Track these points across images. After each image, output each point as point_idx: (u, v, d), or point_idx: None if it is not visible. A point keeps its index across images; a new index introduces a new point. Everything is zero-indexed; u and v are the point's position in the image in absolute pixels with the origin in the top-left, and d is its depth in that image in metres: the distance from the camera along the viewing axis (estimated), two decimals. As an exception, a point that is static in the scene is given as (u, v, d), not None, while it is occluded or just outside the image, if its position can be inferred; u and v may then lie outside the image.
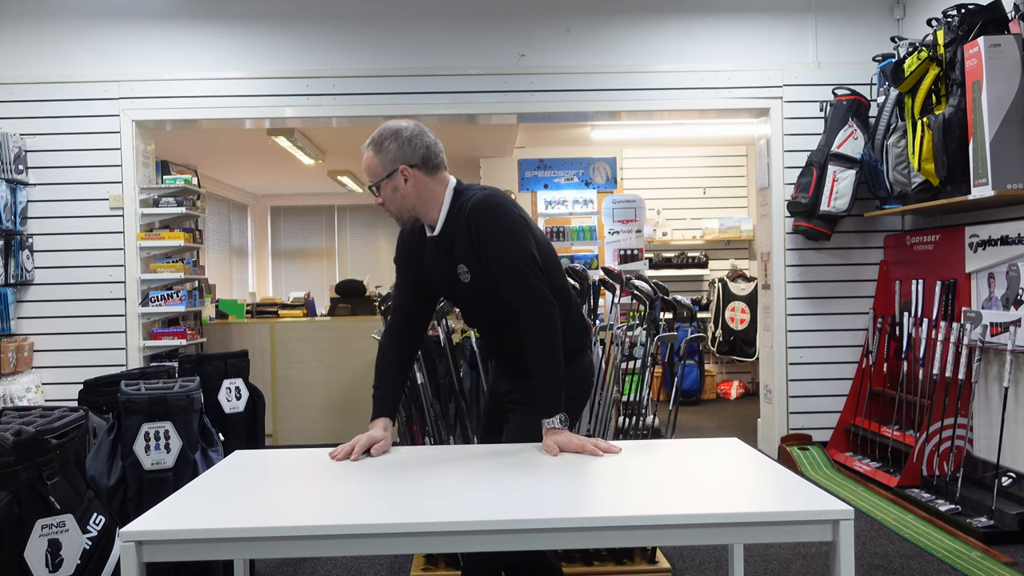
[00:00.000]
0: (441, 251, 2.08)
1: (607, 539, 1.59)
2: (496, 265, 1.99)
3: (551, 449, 1.93)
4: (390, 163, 2.01)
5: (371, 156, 2.03)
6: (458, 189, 2.07)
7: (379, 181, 2.03)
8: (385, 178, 2.02)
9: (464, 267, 2.04)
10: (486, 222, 1.98)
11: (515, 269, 1.97)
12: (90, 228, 4.85)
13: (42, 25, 4.88)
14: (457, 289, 2.10)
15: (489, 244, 1.98)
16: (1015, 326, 3.74)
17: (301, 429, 5.64)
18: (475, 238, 1.99)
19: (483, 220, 1.98)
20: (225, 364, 3.26)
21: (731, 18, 5.07)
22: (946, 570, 3.17)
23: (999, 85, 3.59)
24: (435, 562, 3.10)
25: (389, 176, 2.02)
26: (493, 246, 1.98)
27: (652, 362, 3.21)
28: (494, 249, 1.98)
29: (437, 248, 2.09)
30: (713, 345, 7.61)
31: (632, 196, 6.38)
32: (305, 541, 1.46)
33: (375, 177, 2.03)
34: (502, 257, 1.98)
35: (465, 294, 2.10)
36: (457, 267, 2.04)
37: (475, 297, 2.10)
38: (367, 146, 2.05)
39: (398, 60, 4.96)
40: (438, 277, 2.12)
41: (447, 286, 2.13)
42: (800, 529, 1.49)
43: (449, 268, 2.07)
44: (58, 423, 2.08)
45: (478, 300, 2.11)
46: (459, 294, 2.13)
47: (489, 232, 1.98)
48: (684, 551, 3.38)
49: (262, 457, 2.03)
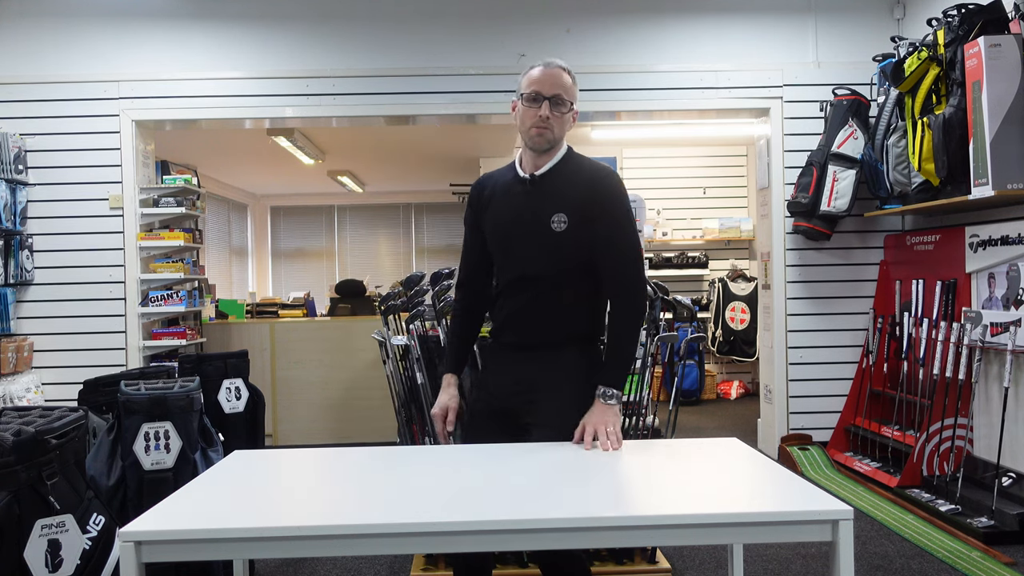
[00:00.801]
0: (537, 194, 2.10)
1: (607, 539, 1.59)
2: (608, 229, 2.06)
3: (601, 425, 1.97)
4: (576, 97, 2.11)
5: (568, 78, 2.08)
6: (572, 149, 2.17)
7: (570, 102, 2.09)
8: (571, 104, 2.09)
9: (563, 216, 2.05)
10: (615, 189, 2.09)
11: (629, 239, 2.08)
12: (90, 228, 4.85)
13: (42, 25, 4.88)
14: (534, 236, 2.08)
15: (613, 208, 2.07)
16: (1015, 326, 3.74)
17: (301, 429, 5.64)
18: (597, 196, 2.06)
19: (613, 186, 2.09)
20: (225, 364, 3.26)
21: (731, 18, 5.07)
22: (946, 570, 3.17)
23: (999, 85, 3.59)
24: (435, 562, 3.10)
25: (572, 105, 2.10)
26: (616, 212, 2.08)
27: (652, 362, 3.20)
28: (616, 215, 2.07)
29: (532, 190, 2.10)
30: (713, 345, 7.61)
31: (632, 196, 6.34)
32: (305, 541, 1.45)
33: (569, 96, 2.08)
34: (620, 226, 2.08)
35: (541, 244, 2.08)
36: (554, 214, 2.06)
37: (552, 250, 2.08)
38: (559, 65, 2.08)
39: (398, 60, 4.96)
40: (513, 221, 2.12)
41: (521, 230, 2.11)
42: (800, 529, 1.49)
43: (539, 212, 2.08)
44: (58, 423, 2.08)
45: (553, 254, 2.08)
46: (533, 242, 2.09)
47: (615, 198, 2.08)
48: (684, 551, 3.38)
49: (262, 457, 2.03)
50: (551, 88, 2.04)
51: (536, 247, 2.09)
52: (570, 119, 2.10)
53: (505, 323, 2.17)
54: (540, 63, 2.08)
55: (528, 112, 2.06)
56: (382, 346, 3.80)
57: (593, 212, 2.05)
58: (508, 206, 2.14)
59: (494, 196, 2.17)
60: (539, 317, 2.11)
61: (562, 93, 2.05)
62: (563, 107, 2.06)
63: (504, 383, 2.16)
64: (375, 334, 3.93)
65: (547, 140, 2.07)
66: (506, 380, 2.15)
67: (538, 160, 2.11)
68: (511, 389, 2.13)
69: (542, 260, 2.09)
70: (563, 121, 2.08)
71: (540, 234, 2.07)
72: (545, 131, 2.05)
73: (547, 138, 2.06)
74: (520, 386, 2.12)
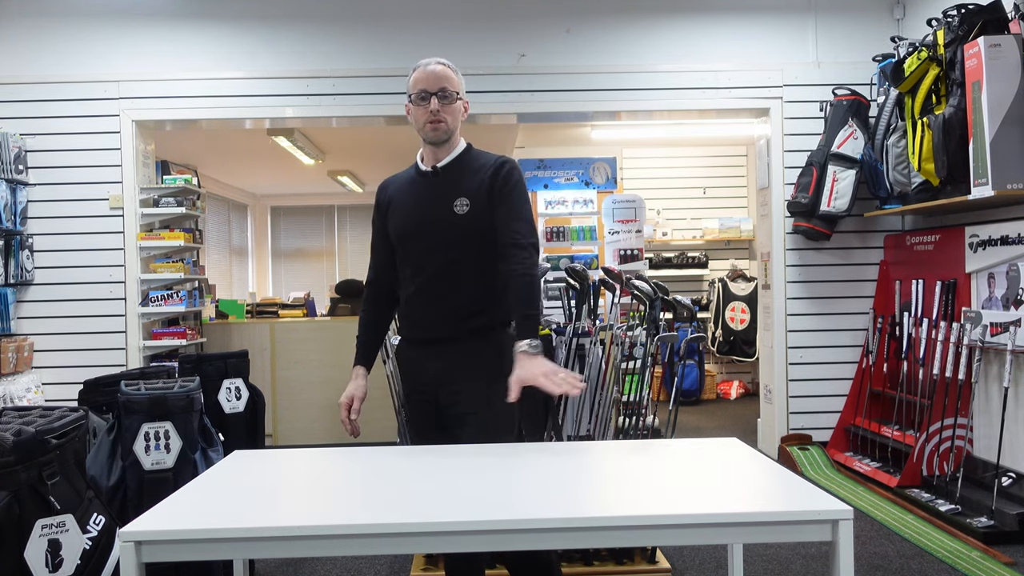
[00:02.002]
0: (439, 184, 2.20)
1: (607, 539, 1.59)
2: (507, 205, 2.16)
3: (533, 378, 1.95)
4: (461, 88, 2.20)
5: (449, 71, 2.17)
6: (471, 144, 2.28)
7: (458, 93, 2.18)
8: (458, 96, 2.18)
9: (466, 200, 2.15)
10: (516, 175, 2.20)
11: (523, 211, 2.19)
12: (90, 228, 4.85)
13: (42, 25, 4.88)
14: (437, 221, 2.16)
15: (511, 190, 2.18)
16: (1015, 326, 3.74)
17: (301, 429, 5.64)
18: (497, 179, 2.16)
19: (513, 170, 2.20)
20: (225, 364, 3.26)
21: (731, 18, 5.07)
22: (946, 570, 3.17)
23: (999, 85, 3.59)
24: (435, 562, 3.10)
25: (459, 96, 2.19)
26: (514, 192, 2.18)
27: (652, 362, 3.20)
28: (514, 194, 2.18)
29: (435, 181, 2.20)
30: (713, 345, 7.61)
31: (632, 196, 6.38)
32: (305, 541, 1.45)
33: (454, 88, 2.17)
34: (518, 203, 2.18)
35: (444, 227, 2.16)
36: (456, 199, 2.16)
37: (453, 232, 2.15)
38: (438, 62, 2.17)
39: (398, 60, 4.96)
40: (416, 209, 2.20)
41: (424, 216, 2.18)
42: (800, 529, 1.49)
43: (443, 198, 2.17)
44: (58, 423, 2.08)
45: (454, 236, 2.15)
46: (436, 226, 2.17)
47: (515, 182, 2.19)
48: (684, 551, 3.38)
49: (262, 457, 2.03)
50: (435, 84, 2.15)
51: (440, 231, 2.17)
52: (461, 108, 2.20)
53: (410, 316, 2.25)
54: (420, 64, 2.19)
55: (419, 110, 2.17)
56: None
57: (493, 193, 2.16)
58: (412, 196, 2.23)
59: (397, 193, 2.27)
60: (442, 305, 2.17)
61: (447, 85, 2.15)
62: (450, 99, 2.15)
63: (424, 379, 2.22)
64: (375, 334, 3.93)
65: (443, 131, 2.17)
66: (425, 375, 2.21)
67: (439, 153, 2.21)
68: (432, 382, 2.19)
69: (445, 244, 2.16)
70: (454, 111, 2.17)
71: (443, 218, 2.16)
72: (439, 124, 2.15)
73: (443, 129, 2.16)
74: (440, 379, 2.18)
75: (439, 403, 2.19)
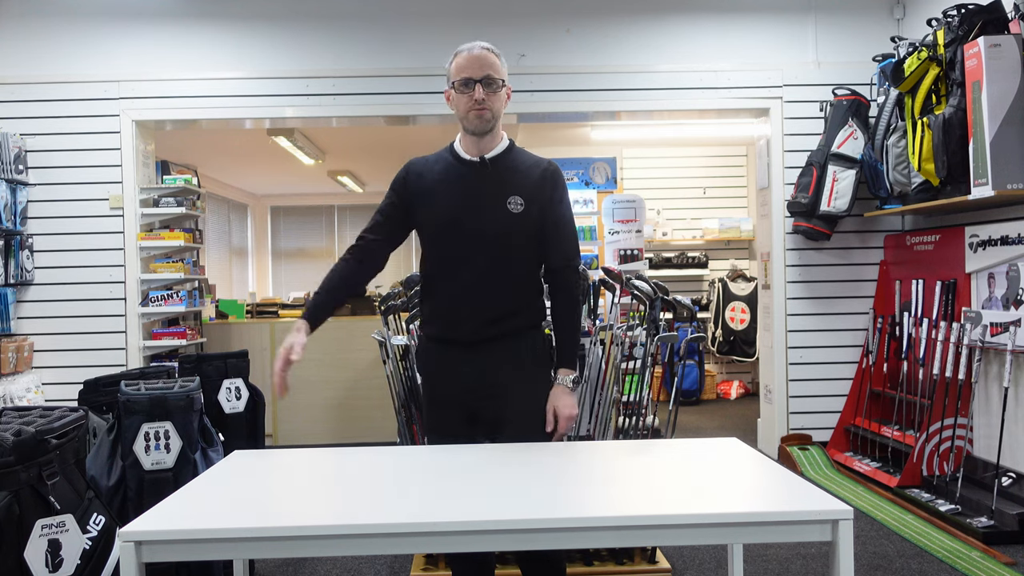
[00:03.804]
0: (490, 177, 2.12)
1: (607, 539, 1.59)
2: (557, 214, 2.15)
3: (562, 418, 2.08)
4: (505, 74, 2.12)
5: (493, 56, 2.09)
6: (513, 141, 2.21)
7: (501, 80, 2.10)
8: (503, 83, 2.11)
9: (520, 199, 2.10)
10: (563, 181, 2.19)
11: (572, 225, 2.20)
12: (90, 228, 4.85)
13: (42, 25, 4.88)
14: (489, 217, 2.08)
15: (561, 198, 2.17)
16: (1015, 326, 3.74)
17: (301, 429, 5.64)
18: (546, 183, 2.13)
19: (561, 179, 2.18)
20: (225, 364, 3.26)
21: (731, 18, 5.07)
22: (946, 570, 3.17)
23: (999, 85, 3.59)
24: (435, 562, 3.10)
25: (504, 83, 2.11)
26: (564, 202, 2.17)
27: (652, 362, 3.20)
28: (563, 206, 2.17)
29: (484, 173, 2.12)
30: (713, 345, 7.61)
31: (632, 196, 6.37)
32: (305, 541, 1.46)
33: (499, 75, 2.09)
34: (570, 216, 2.19)
35: (496, 225, 2.08)
36: (510, 196, 2.10)
37: (505, 232, 2.09)
38: (482, 47, 2.08)
39: (398, 60, 4.96)
40: (467, 201, 2.10)
41: (474, 212, 2.09)
42: (800, 529, 1.49)
43: (495, 196, 2.10)
44: (58, 423, 2.08)
45: (507, 235, 2.09)
46: (487, 223, 2.09)
47: (564, 189, 2.18)
48: (684, 551, 3.38)
49: (262, 457, 2.03)
50: (480, 71, 2.06)
51: (493, 227, 2.09)
52: (504, 96, 2.12)
53: (449, 316, 2.14)
54: (462, 49, 2.09)
55: (463, 98, 2.08)
56: (382, 346, 3.80)
57: (544, 197, 2.13)
58: (459, 186, 2.12)
59: (437, 180, 2.14)
60: (487, 305, 2.10)
61: (491, 72, 2.07)
62: (495, 85, 2.08)
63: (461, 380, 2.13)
64: (375, 334, 3.93)
65: (487, 120, 2.08)
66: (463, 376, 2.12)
67: (482, 144, 2.12)
68: (473, 383, 2.12)
69: (496, 242, 2.10)
70: (499, 98, 2.10)
71: (497, 216, 2.09)
72: (484, 112, 2.07)
73: (486, 118, 2.08)
74: (480, 380, 2.11)
75: (476, 404, 2.12)
